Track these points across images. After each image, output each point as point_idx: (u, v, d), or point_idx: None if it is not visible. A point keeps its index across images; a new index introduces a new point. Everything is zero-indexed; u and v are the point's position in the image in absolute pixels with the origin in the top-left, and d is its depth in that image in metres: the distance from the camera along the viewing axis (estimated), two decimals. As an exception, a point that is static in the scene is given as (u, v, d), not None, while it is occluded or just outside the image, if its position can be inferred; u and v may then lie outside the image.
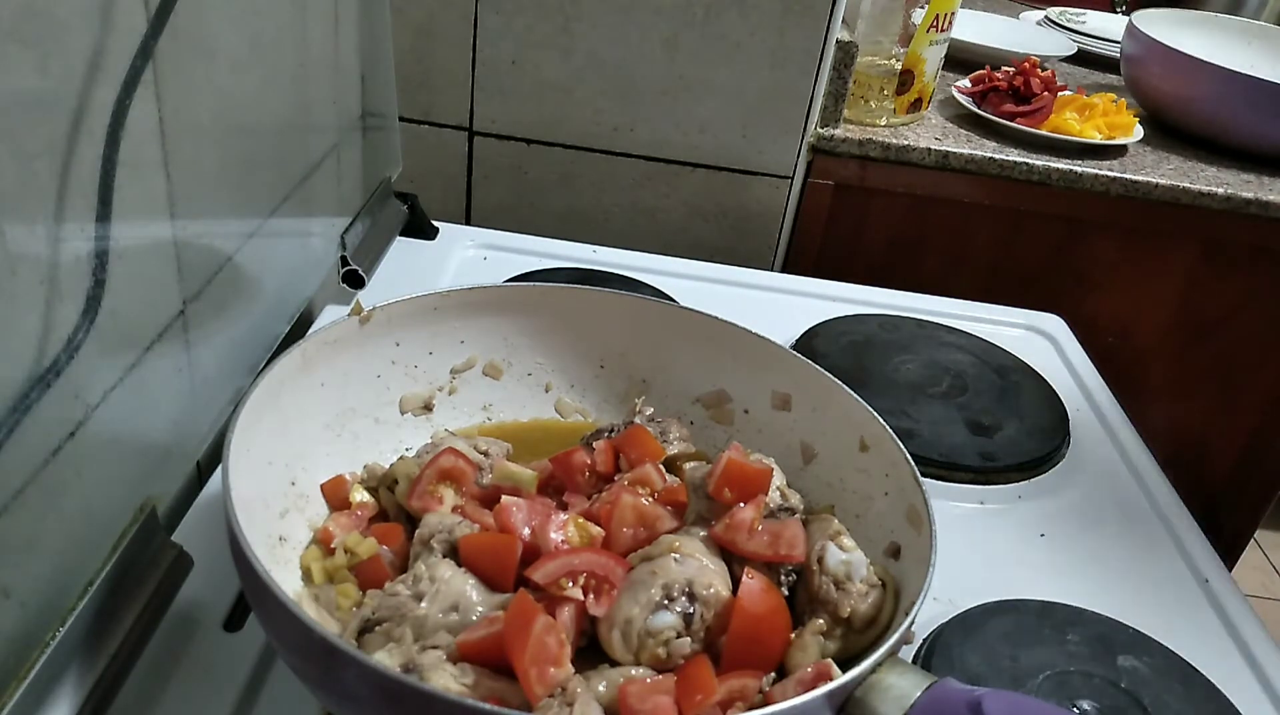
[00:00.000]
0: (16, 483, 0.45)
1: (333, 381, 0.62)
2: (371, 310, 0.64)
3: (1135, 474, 0.82)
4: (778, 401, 0.66)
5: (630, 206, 1.20)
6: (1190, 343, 1.40)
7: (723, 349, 0.67)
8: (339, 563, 0.56)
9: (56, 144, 0.46)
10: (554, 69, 1.12)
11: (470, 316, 0.68)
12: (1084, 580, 0.69)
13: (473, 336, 0.69)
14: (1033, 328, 1.02)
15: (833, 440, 0.63)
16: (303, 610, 0.42)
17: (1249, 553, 1.75)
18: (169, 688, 0.52)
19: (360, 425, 0.64)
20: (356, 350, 0.64)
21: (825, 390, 0.63)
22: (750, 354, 0.67)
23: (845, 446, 0.62)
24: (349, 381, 0.63)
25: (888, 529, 0.57)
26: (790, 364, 0.65)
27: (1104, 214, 1.29)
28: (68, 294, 0.47)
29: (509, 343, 0.70)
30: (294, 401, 0.59)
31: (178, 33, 0.53)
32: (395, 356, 0.66)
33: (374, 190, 0.98)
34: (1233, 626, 0.67)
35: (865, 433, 0.60)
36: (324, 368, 0.61)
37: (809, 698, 0.42)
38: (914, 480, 0.55)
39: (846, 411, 0.62)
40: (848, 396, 0.61)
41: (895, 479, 0.57)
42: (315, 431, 0.61)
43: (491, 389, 0.70)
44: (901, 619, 0.48)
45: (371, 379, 0.65)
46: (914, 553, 0.53)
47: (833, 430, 0.63)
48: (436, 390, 0.68)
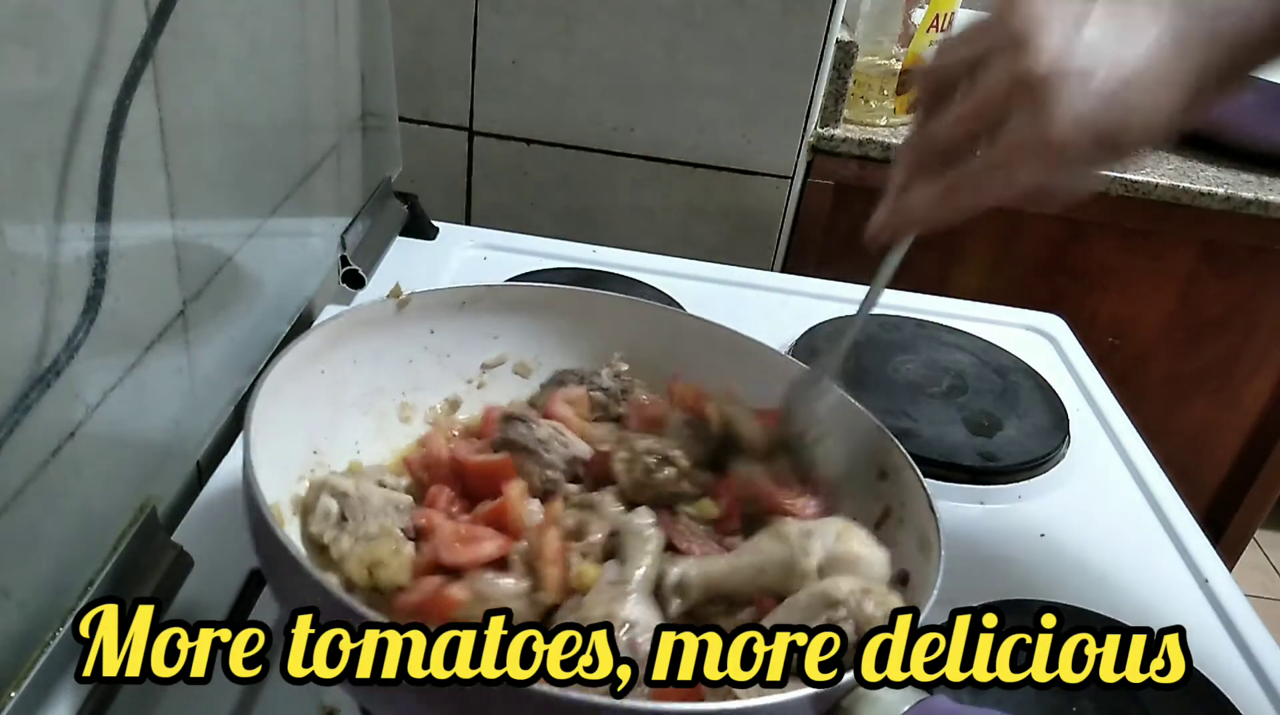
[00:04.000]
0: (16, 483, 0.45)
1: (365, 359, 0.63)
2: (409, 295, 0.64)
3: (1135, 474, 0.82)
4: None
5: (630, 206, 1.20)
6: (1190, 343, 1.41)
7: (765, 371, 0.65)
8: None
9: (56, 144, 0.46)
10: (554, 69, 1.12)
11: (507, 313, 0.69)
12: (1084, 580, 0.69)
13: (507, 333, 0.69)
14: (1033, 328, 1.02)
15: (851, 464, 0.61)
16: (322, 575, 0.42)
17: (1249, 553, 1.75)
18: (169, 688, 0.52)
19: (387, 405, 0.65)
20: (392, 333, 0.64)
21: (847, 413, 0.62)
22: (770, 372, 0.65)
23: (863, 471, 0.61)
24: (380, 362, 0.64)
25: (897, 557, 0.55)
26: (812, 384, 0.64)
27: (1104, 214, 1.29)
28: (68, 294, 0.47)
29: (541, 343, 0.70)
30: (324, 375, 0.60)
31: (178, 33, 0.53)
32: (429, 343, 0.67)
33: (374, 190, 0.98)
34: (1233, 626, 0.67)
35: (885, 460, 0.59)
36: (356, 344, 0.62)
37: (790, 697, 0.42)
38: (930, 511, 0.53)
39: (868, 436, 0.60)
40: (870, 422, 0.60)
41: (912, 507, 0.56)
42: (344, 407, 0.62)
43: (519, 387, 0.70)
44: None
45: (403, 363, 0.66)
46: (921, 580, 0.52)
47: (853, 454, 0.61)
48: (465, 382, 0.69)
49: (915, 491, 0.56)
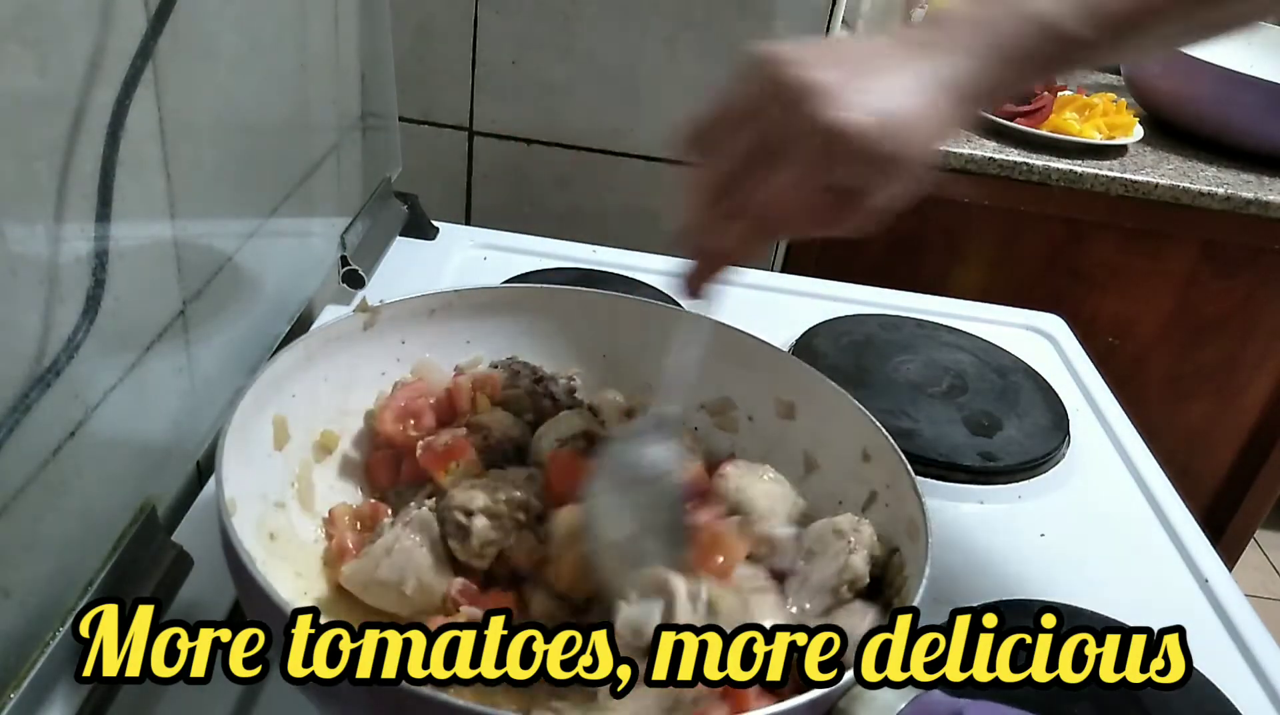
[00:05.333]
0: (16, 483, 0.45)
1: (336, 377, 0.62)
2: (378, 307, 0.64)
3: (1135, 474, 0.82)
4: (782, 409, 0.66)
5: (630, 206, 1.20)
6: (1190, 343, 1.41)
7: (728, 355, 0.66)
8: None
9: (56, 144, 0.46)
10: (554, 69, 1.12)
11: (477, 317, 0.68)
12: (1084, 580, 0.69)
13: (479, 337, 0.69)
14: (1033, 328, 1.02)
15: (836, 449, 0.63)
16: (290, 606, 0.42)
17: (1249, 553, 1.75)
18: (169, 688, 0.52)
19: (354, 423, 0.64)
20: (361, 347, 0.64)
21: (830, 399, 0.63)
22: (756, 361, 0.66)
23: (848, 456, 0.61)
24: (354, 378, 0.64)
25: (887, 540, 0.57)
26: (795, 371, 0.65)
27: (1104, 214, 1.29)
28: (68, 294, 0.47)
29: (515, 343, 0.70)
30: (296, 395, 0.59)
31: (178, 33, 0.53)
32: (400, 354, 0.66)
33: (374, 190, 0.98)
34: (1233, 626, 0.67)
35: (868, 443, 0.60)
36: (325, 363, 0.61)
37: (790, 705, 0.42)
38: (914, 492, 0.54)
39: (850, 420, 0.61)
40: (852, 406, 0.61)
41: (896, 490, 0.57)
42: (319, 426, 0.61)
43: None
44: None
45: (376, 376, 0.65)
46: (911, 565, 0.53)
47: (836, 439, 0.63)
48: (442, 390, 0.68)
49: (900, 475, 0.56)
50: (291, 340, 0.59)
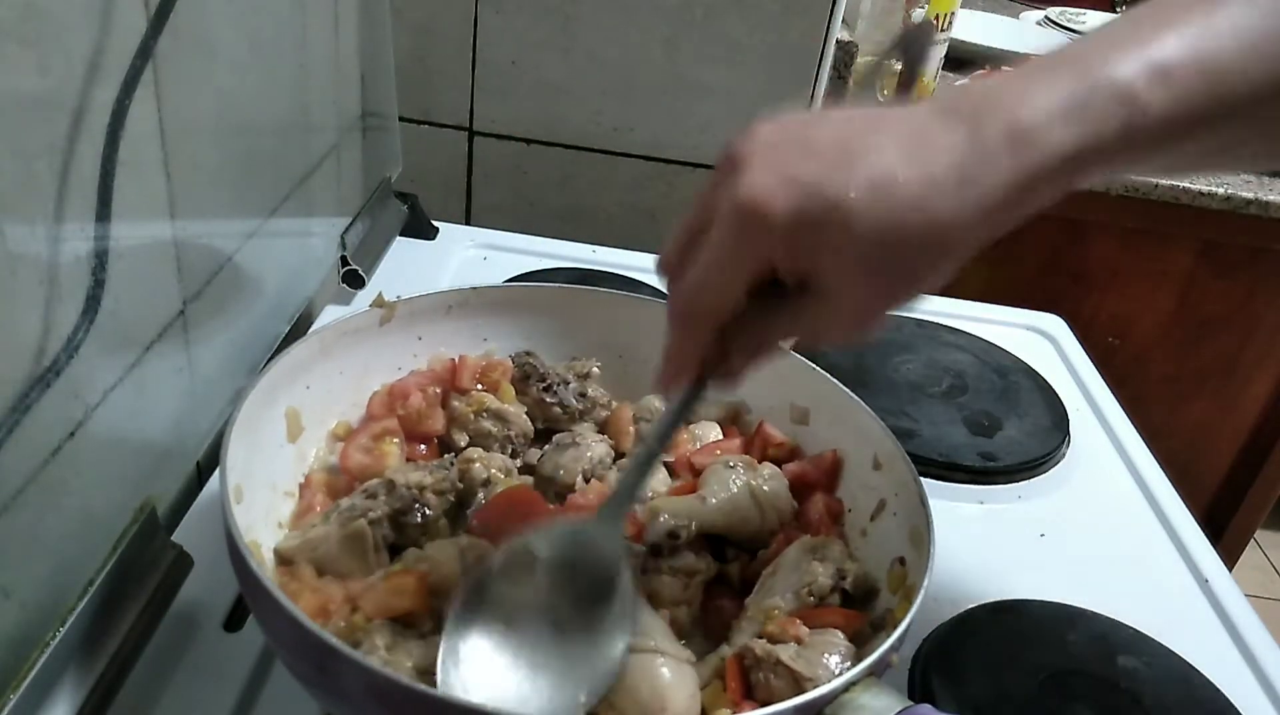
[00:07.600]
0: (16, 483, 0.45)
1: (351, 371, 0.63)
2: (395, 303, 0.64)
3: (1135, 474, 0.82)
4: (796, 415, 0.66)
5: (630, 206, 1.20)
6: (1190, 343, 1.41)
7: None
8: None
9: (56, 144, 0.46)
10: (554, 69, 1.12)
11: (494, 314, 0.69)
12: (1084, 580, 0.69)
13: (495, 334, 0.69)
14: (1033, 328, 1.02)
15: (848, 456, 0.62)
16: (299, 609, 0.42)
17: (1249, 553, 1.75)
18: (169, 688, 0.52)
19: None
20: (377, 342, 0.64)
21: (844, 406, 0.62)
22: (771, 366, 0.66)
23: (859, 463, 0.61)
24: (369, 372, 0.64)
25: (892, 548, 0.56)
26: (811, 378, 0.65)
27: (1104, 214, 1.29)
28: (68, 294, 0.47)
29: (531, 342, 0.70)
30: (311, 387, 0.59)
31: (178, 33, 0.53)
32: (417, 350, 0.66)
33: (374, 190, 0.98)
34: (1233, 626, 0.67)
35: (879, 450, 0.60)
36: (341, 357, 0.62)
37: (777, 709, 0.42)
38: (921, 504, 0.54)
39: (863, 428, 0.61)
40: (865, 413, 0.61)
41: (903, 499, 0.57)
42: (333, 418, 0.62)
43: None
44: (882, 639, 0.47)
45: (392, 372, 0.65)
46: (915, 575, 0.52)
47: (849, 446, 0.62)
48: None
49: (908, 484, 0.56)
50: (292, 341, 0.60)
